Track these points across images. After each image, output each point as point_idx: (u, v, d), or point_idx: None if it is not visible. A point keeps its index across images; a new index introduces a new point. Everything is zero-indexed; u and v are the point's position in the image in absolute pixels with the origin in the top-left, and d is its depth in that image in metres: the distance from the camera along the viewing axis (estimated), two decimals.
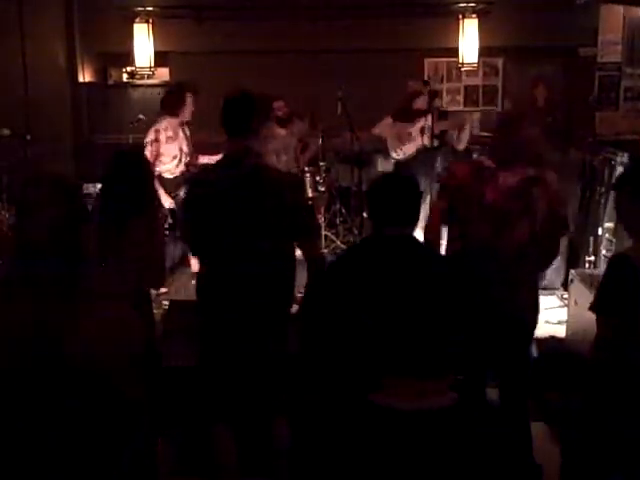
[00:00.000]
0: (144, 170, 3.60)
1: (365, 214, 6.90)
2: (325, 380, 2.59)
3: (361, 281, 2.69)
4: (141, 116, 6.96)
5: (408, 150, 6.90)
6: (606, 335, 2.63)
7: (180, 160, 6.12)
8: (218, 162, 3.37)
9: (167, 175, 6.08)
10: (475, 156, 6.63)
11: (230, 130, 3.25)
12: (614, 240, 5.71)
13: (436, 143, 6.64)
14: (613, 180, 5.96)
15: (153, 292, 5.18)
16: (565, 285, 5.85)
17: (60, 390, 2.40)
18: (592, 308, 2.71)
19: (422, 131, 6.63)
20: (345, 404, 2.02)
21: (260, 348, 3.10)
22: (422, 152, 6.84)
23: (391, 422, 1.71)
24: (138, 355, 2.79)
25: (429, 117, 6.49)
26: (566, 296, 5.61)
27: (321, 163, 7.28)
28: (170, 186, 6.05)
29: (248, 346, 3.11)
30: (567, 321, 5.27)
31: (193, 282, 5.87)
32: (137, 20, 8.07)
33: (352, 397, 1.94)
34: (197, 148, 6.31)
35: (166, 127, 6.02)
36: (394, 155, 7.01)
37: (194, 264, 5.80)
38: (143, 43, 8.10)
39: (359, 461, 1.71)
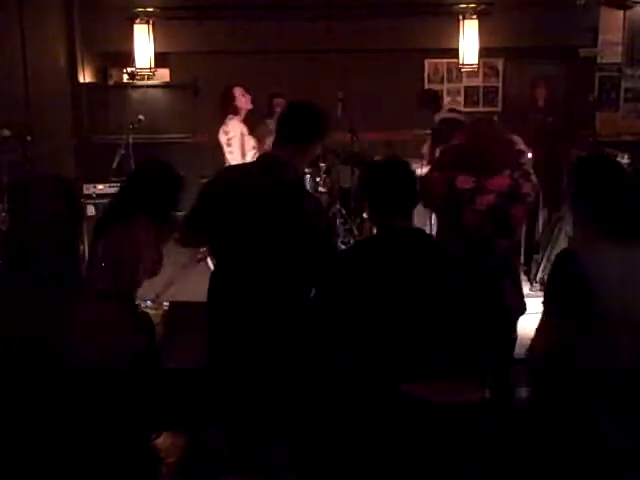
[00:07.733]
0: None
1: (365, 214, 6.88)
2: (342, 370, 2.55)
3: (376, 277, 2.65)
4: (141, 117, 6.96)
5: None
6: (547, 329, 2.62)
7: None
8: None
9: None
10: None
11: (280, 135, 3.03)
12: None
13: None
14: None
15: (153, 293, 5.20)
16: None
17: (58, 389, 2.41)
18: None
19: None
20: (373, 394, 1.98)
21: (272, 352, 3.03)
22: None
23: (424, 414, 1.67)
24: (137, 355, 2.80)
25: None
26: None
27: (321, 164, 7.25)
28: None
29: (259, 349, 3.04)
30: None
31: (192, 284, 5.89)
32: (137, 21, 8.06)
33: (382, 387, 1.91)
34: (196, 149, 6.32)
35: None
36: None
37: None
38: (143, 44, 8.10)
39: (384, 452, 1.68)
